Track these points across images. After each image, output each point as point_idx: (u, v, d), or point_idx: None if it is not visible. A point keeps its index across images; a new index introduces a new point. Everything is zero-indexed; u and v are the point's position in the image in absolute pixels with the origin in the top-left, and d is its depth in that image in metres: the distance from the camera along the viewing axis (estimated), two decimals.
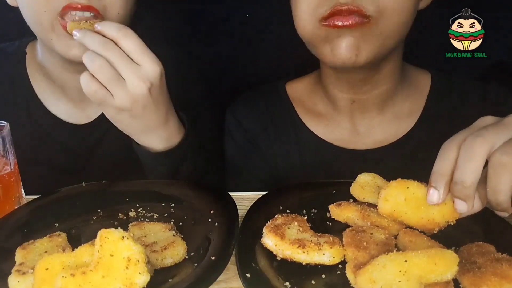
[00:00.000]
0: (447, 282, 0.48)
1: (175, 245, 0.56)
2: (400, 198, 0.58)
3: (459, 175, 0.53)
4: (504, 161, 0.51)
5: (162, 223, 0.63)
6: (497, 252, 0.54)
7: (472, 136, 0.53)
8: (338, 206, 0.63)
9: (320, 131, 0.91)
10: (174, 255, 0.55)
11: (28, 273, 0.52)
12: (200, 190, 0.71)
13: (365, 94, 0.86)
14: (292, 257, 0.54)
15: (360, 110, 0.88)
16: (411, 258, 0.49)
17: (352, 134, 0.90)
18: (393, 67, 0.84)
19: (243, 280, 0.51)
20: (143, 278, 0.48)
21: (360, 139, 0.89)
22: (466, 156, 0.52)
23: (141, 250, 0.49)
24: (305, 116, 0.93)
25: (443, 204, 0.56)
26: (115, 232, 0.49)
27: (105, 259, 0.48)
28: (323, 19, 0.73)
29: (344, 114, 0.90)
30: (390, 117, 0.89)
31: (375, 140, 0.89)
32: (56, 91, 0.93)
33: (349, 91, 0.87)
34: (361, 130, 0.89)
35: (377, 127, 0.89)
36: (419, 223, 0.58)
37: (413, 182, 0.59)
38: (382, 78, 0.84)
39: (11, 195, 0.71)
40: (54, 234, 0.60)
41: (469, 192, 0.53)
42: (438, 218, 0.57)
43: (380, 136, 0.89)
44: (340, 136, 0.90)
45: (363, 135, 0.89)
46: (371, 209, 0.62)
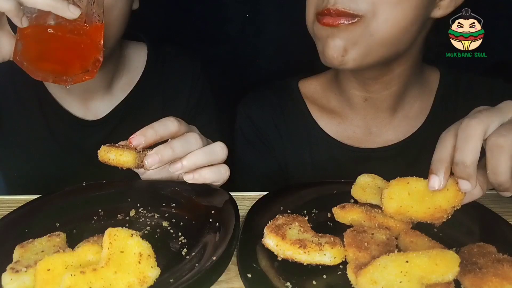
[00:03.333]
0: (448, 282, 0.48)
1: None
2: (404, 194, 0.59)
3: (459, 156, 0.54)
4: (500, 143, 0.52)
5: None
6: (498, 253, 0.54)
7: (468, 119, 0.55)
8: (342, 208, 0.63)
9: (332, 129, 0.91)
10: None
11: (21, 271, 0.51)
12: (201, 190, 0.71)
13: (377, 93, 0.87)
14: (293, 258, 0.54)
15: (373, 109, 0.89)
16: (412, 259, 0.49)
17: (364, 133, 0.90)
18: (406, 68, 0.84)
19: (244, 280, 0.51)
20: (155, 271, 0.50)
21: (372, 138, 0.90)
22: (463, 138, 0.54)
23: (149, 246, 0.51)
24: (317, 114, 0.93)
25: (446, 190, 0.57)
26: (124, 230, 0.51)
27: (116, 255, 0.49)
28: (317, 15, 0.74)
29: (358, 113, 0.90)
30: (401, 116, 0.89)
31: (387, 139, 0.89)
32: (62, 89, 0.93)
33: (361, 88, 0.87)
34: (373, 129, 0.90)
35: (389, 126, 0.89)
36: (427, 213, 0.58)
37: (412, 178, 0.60)
38: (395, 78, 0.84)
39: (95, 49, 0.69)
40: (54, 234, 0.60)
41: (470, 171, 0.54)
42: (444, 204, 0.57)
43: (391, 136, 0.89)
44: (353, 134, 0.91)
45: (375, 135, 0.90)
46: (375, 210, 0.62)
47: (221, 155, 0.69)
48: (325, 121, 0.92)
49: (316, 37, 0.77)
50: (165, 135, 0.67)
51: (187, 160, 0.67)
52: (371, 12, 0.71)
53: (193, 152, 0.67)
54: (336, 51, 0.74)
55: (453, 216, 0.61)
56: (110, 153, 0.65)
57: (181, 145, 0.67)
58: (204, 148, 0.68)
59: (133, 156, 0.64)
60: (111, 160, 0.65)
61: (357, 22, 0.71)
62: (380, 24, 0.72)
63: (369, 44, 0.74)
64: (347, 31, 0.72)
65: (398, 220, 0.60)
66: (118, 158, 0.64)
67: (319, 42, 0.77)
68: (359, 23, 0.72)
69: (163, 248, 0.58)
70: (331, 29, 0.73)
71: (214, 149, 0.69)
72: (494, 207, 0.65)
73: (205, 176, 0.69)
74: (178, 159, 0.67)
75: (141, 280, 0.49)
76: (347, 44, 0.73)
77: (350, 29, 0.72)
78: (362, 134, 0.90)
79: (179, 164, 0.67)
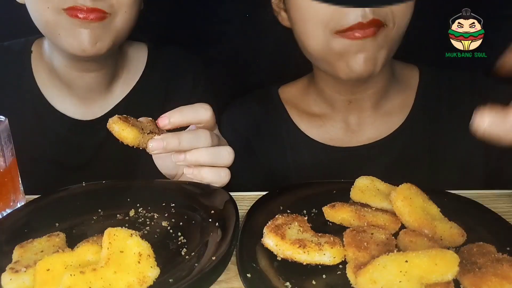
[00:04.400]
0: (448, 282, 0.48)
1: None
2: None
3: None
4: None
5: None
6: (497, 253, 0.54)
7: None
8: (332, 207, 0.63)
9: (314, 132, 0.92)
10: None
11: (21, 271, 0.51)
12: (201, 190, 0.71)
13: (361, 93, 0.88)
14: (293, 257, 0.54)
15: (356, 109, 0.90)
16: (412, 259, 0.49)
17: (345, 133, 0.91)
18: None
19: (243, 280, 0.51)
20: (154, 271, 0.50)
21: (354, 137, 0.91)
22: None
23: (149, 246, 0.51)
24: (298, 118, 0.94)
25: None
26: (123, 230, 0.51)
27: (116, 255, 0.50)
28: (339, 32, 0.73)
29: (340, 114, 0.91)
30: (382, 113, 0.91)
31: (369, 137, 0.90)
32: (62, 89, 0.93)
33: (347, 92, 0.88)
34: (355, 128, 0.91)
35: (370, 124, 0.90)
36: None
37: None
38: (377, 76, 0.84)
39: (3, 195, 0.69)
40: (53, 234, 0.60)
41: None
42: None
43: (373, 133, 0.90)
44: (335, 135, 0.91)
45: (357, 133, 0.91)
46: (365, 209, 0.62)
47: (226, 160, 0.70)
48: (307, 124, 0.93)
49: (334, 55, 0.76)
50: (193, 121, 0.68)
51: (190, 155, 0.67)
52: (393, 21, 0.74)
53: (199, 149, 0.68)
54: (367, 63, 0.74)
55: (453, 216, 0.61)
56: (116, 124, 0.65)
57: (189, 139, 0.67)
58: (211, 149, 0.68)
59: (135, 135, 0.65)
60: (114, 131, 0.65)
61: (380, 30, 0.73)
62: (398, 26, 0.75)
63: (390, 48, 0.76)
64: (375, 40, 0.73)
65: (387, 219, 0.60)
66: (120, 132, 0.65)
67: (340, 60, 0.76)
68: (381, 30, 0.73)
69: (162, 248, 0.58)
70: (361, 42, 0.73)
71: (221, 152, 0.69)
72: (494, 207, 0.65)
73: (204, 175, 0.69)
74: (184, 151, 0.67)
75: (141, 280, 0.49)
76: (375, 53, 0.75)
77: (374, 38, 0.73)
78: (343, 134, 0.91)
79: (182, 156, 0.67)
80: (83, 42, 0.78)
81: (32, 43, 0.96)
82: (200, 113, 0.68)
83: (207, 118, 0.68)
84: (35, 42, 0.96)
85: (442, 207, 0.62)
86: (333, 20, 0.73)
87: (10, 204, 0.70)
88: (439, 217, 0.60)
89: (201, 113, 0.68)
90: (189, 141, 0.67)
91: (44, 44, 0.94)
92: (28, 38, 0.97)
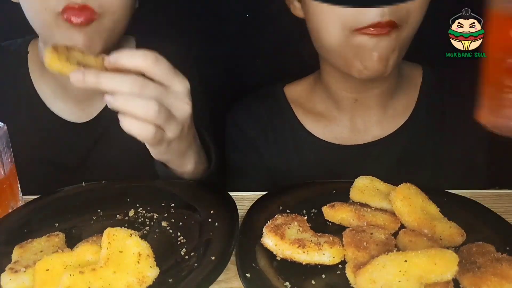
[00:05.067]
0: (447, 282, 0.48)
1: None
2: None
3: None
4: None
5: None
6: (497, 252, 0.54)
7: None
8: (331, 207, 0.63)
9: (319, 131, 0.92)
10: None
11: (20, 271, 0.51)
12: (200, 190, 0.71)
13: (368, 92, 0.88)
14: (292, 257, 0.54)
15: (362, 108, 0.90)
16: (411, 258, 0.49)
17: (351, 132, 0.91)
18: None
19: (243, 280, 0.51)
20: (154, 271, 0.50)
21: (360, 136, 0.91)
22: None
23: (148, 246, 0.51)
24: (303, 117, 0.94)
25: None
26: (123, 230, 0.51)
27: (115, 255, 0.50)
28: (357, 29, 0.74)
29: (346, 113, 0.91)
30: (388, 113, 0.90)
31: (374, 136, 0.90)
32: (57, 89, 0.93)
33: (353, 90, 0.88)
34: (361, 127, 0.91)
35: (376, 123, 0.91)
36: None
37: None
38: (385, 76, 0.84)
39: (2, 201, 0.69)
40: (53, 234, 0.60)
41: None
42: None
43: (379, 132, 0.90)
44: (340, 134, 0.92)
45: (363, 132, 0.91)
46: (364, 209, 0.62)
47: (151, 115, 0.61)
48: (312, 123, 0.93)
49: (350, 52, 0.77)
50: (128, 65, 0.61)
51: (114, 99, 0.60)
52: (406, 21, 0.74)
53: (123, 95, 0.60)
54: (380, 62, 0.75)
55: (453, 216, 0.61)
56: (47, 51, 0.60)
57: (111, 79, 0.60)
58: (137, 98, 0.60)
59: (54, 60, 0.60)
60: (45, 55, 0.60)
61: (393, 31, 0.73)
62: (410, 27, 0.76)
63: (401, 48, 0.77)
64: (386, 39, 0.74)
65: (387, 219, 0.60)
66: (45, 55, 0.60)
67: (355, 58, 0.76)
68: (394, 31, 0.74)
69: (162, 248, 0.57)
70: (376, 40, 0.73)
71: (148, 105, 0.60)
72: (494, 207, 0.65)
73: (125, 125, 0.61)
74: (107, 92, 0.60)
75: (140, 280, 0.49)
76: (388, 53, 0.75)
77: (388, 37, 0.74)
78: (349, 133, 0.91)
79: (109, 97, 0.60)
80: (77, 44, 0.77)
81: (28, 43, 0.96)
82: (136, 57, 0.61)
83: (143, 66, 0.61)
84: (32, 43, 0.96)
85: (441, 207, 0.62)
86: (352, 18, 0.74)
87: (9, 211, 0.70)
88: (438, 217, 0.60)
89: (137, 58, 0.61)
90: (110, 82, 0.60)
91: (40, 45, 0.94)
92: (25, 39, 0.96)
